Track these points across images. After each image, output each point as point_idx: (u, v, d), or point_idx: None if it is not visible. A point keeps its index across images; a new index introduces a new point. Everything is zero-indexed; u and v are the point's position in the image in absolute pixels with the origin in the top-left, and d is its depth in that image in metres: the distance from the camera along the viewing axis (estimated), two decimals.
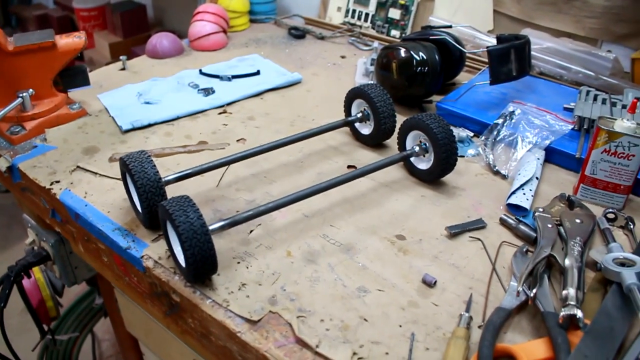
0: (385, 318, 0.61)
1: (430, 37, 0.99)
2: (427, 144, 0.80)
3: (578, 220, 0.72)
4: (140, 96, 1.03)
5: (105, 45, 2.14)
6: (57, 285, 1.19)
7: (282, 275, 0.66)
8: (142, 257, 0.69)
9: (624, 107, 0.91)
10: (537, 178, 0.81)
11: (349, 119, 0.90)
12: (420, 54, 0.95)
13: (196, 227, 0.59)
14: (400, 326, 0.60)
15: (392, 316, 0.61)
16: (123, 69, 1.16)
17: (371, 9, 1.32)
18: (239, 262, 0.68)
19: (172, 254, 0.66)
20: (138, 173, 0.68)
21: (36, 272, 1.17)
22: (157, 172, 0.69)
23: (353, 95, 0.90)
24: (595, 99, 0.94)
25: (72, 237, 0.84)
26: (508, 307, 0.61)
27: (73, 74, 0.97)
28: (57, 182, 0.82)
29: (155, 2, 2.12)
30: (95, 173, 0.84)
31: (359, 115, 0.90)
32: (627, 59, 1.03)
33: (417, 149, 0.81)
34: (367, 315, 0.61)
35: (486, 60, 1.11)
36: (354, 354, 0.56)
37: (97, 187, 0.81)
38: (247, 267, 0.67)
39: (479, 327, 0.60)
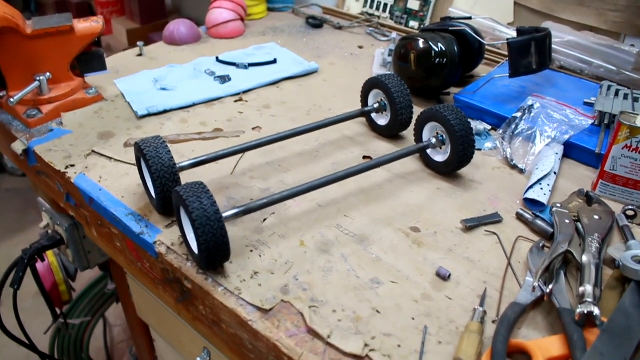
0: (398, 310, 0.60)
1: (450, 29, 0.97)
2: (444, 136, 0.79)
3: (596, 217, 0.71)
4: (156, 82, 1.03)
5: (123, 32, 2.15)
6: (70, 270, 1.20)
7: (295, 265, 0.66)
8: (155, 242, 0.69)
9: None
10: (555, 173, 0.80)
11: (366, 109, 0.89)
12: (439, 45, 0.93)
13: (210, 214, 0.59)
14: (413, 319, 0.59)
15: (405, 309, 0.60)
16: (140, 54, 1.15)
17: None
18: (252, 251, 0.67)
19: (185, 241, 0.66)
20: (153, 158, 0.68)
21: (50, 255, 1.18)
22: (172, 157, 0.69)
23: (370, 85, 0.89)
24: (617, 94, 0.92)
25: (86, 222, 0.84)
26: (523, 302, 0.60)
27: (90, 59, 0.97)
28: (72, 166, 0.82)
29: None
30: (110, 158, 0.84)
31: (376, 105, 0.89)
32: None
33: (433, 140, 0.80)
34: (380, 307, 0.60)
35: (505, 53, 1.09)
36: (366, 345, 0.56)
37: (111, 171, 0.81)
38: (260, 256, 0.67)
39: (493, 322, 0.59)
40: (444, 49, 0.93)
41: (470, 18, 1.04)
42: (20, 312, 1.12)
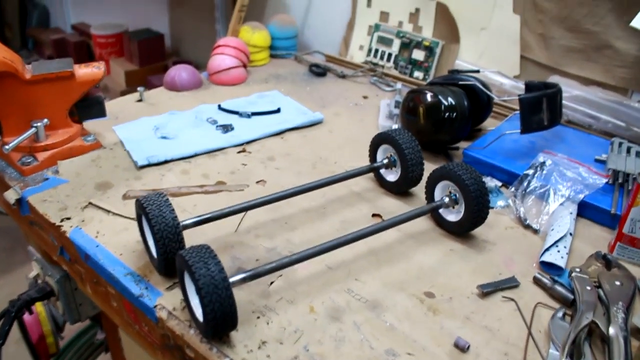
0: None
1: (459, 82, 0.96)
2: (458, 195, 0.77)
3: (617, 283, 0.68)
4: (157, 130, 1.00)
5: (121, 73, 2.13)
6: (59, 321, 1.15)
7: (305, 334, 0.62)
8: (156, 306, 0.65)
9: None
10: (570, 234, 0.77)
11: (375, 164, 0.87)
12: (449, 99, 0.92)
13: (217, 281, 0.56)
14: None
15: None
16: (140, 100, 1.13)
17: (394, 49, 1.30)
18: (258, 317, 0.63)
19: (188, 306, 0.62)
20: (155, 217, 0.64)
21: (38, 305, 1.12)
22: (176, 217, 0.65)
23: (379, 140, 0.87)
24: (628, 151, 0.90)
25: (80, 278, 0.80)
26: None
27: (89, 105, 0.94)
28: (68, 218, 0.78)
29: (173, 31, 2.11)
30: (108, 211, 0.80)
31: (385, 161, 0.86)
32: None
33: (446, 200, 0.78)
34: None
35: (513, 106, 1.09)
36: None
37: (109, 226, 0.77)
38: (268, 323, 0.63)
39: None
40: (453, 103, 0.92)
41: (478, 71, 1.03)
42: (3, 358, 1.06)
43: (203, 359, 0.60)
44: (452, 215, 0.79)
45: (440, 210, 0.80)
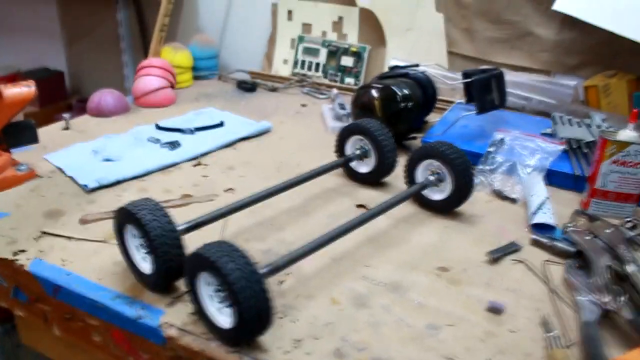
0: (470, 353, 0.54)
1: (409, 75, 0.98)
2: (442, 172, 0.77)
3: (608, 231, 0.71)
4: (96, 154, 0.90)
5: (20, 116, 1.91)
6: None
7: (337, 325, 0.57)
8: (161, 325, 0.56)
9: (597, 127, 0.95)
10: (548, 198, 0.80)
11: (348, 156, 0.84)
12: (404, 90, 0.93)
13: (248, 274, 0.50)
14: (489, 359, 0.53)
15: (477, 350, 0.54)
16: (67, 128, 1.02)
17: (321, 58, 1.30)
18: (281, 317, 0.57)
19: (203, 317, 0.54)
20: (150, 222, 0.56)
21: None
22: (172, 220, 0.58)
23: (348, 132, 0.85)
24: (570, 122, 0.97)
25: (44, 319, 0.68)
26: (592, 320, 0.56)
27: (19, 130, 0.83)
28: (23, 251, 0.67)
29: (72, 69, 1.94)
30: (70, 237, 0.70)
31: (357, 152, 0.84)
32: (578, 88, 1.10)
33: (432, 178, 0.77)
34: (451, 354, 0.53)
35: (449, 99, 1.13)
36: None
37: (75, 252, 0.67)
38: (294, 322, 0.57)
39: (568, 346, 0.55)
40: (408, 93, 0.93)
41: (417, 65, 1.06)
42: None
43: None
44: (437, 194, 0.78)
45: (424, 192, 0.79)
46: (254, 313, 0.50)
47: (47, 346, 0.80)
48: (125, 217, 0.59)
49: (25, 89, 0.80)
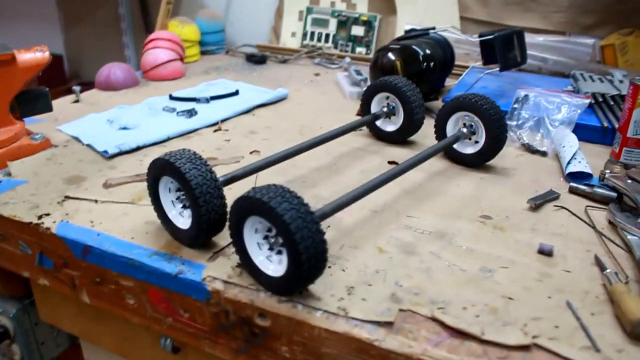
0: (530, 293, 0.52)
1: (428, 35, 0.96)
2: (475, 124, 0.75)
3: None
4: (112, 123, 0.87)
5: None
6: None
7: (389, 272, 0.55)
8: (204, 279, 0.54)
9: (620, 82, 0.94)
10: (579, 149, 0.79)
11: (376, 113, 0.82)
12: (425, 49, 0.91)
13: (303, 213, 0.47)
14: (550, 297, 0.51)
15: (535, 290, 0.52)
16: (77, 101, 0.98)
17: (331, 29, 1.28)
18: (329, 267, 0.55)
19: (250, 267, 0.52)
20: (190, 171, 0.54)
21: None
22: (213, 170, 0.55)
23: (374, 90, 0.83)
24: (592, 78, 0.96)
25: (71, 285, 0.65)
26: None
27: (33, 98, 0.79)
28: (47, 214, 0.64)
29: (70, 53, 1.89)
30: (95, 200, 0.67)
31: (385, 109, 0.82)
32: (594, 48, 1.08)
33: (465, 131, 0.75)
34: (510, 294, 0.52)
35: (464, 63, 1.11)
36: (525, 334, 0.47)
37: (103, 214, 0.64)
38: (343, 270, 0.55)
39: (626, 282, 0.53)
40: (430, 52, 0.91)
41: (433, 28, 1.04)
42: None
43: (287, 322, 0.50)
44: (470, 148, 0.76)
45: (455, 146, 0.77)
46: (311, 255, 0.47)
47: (69, 321, 0.77)
48: (161, 169, 0.57)
49: (40, 54, 0.77)
